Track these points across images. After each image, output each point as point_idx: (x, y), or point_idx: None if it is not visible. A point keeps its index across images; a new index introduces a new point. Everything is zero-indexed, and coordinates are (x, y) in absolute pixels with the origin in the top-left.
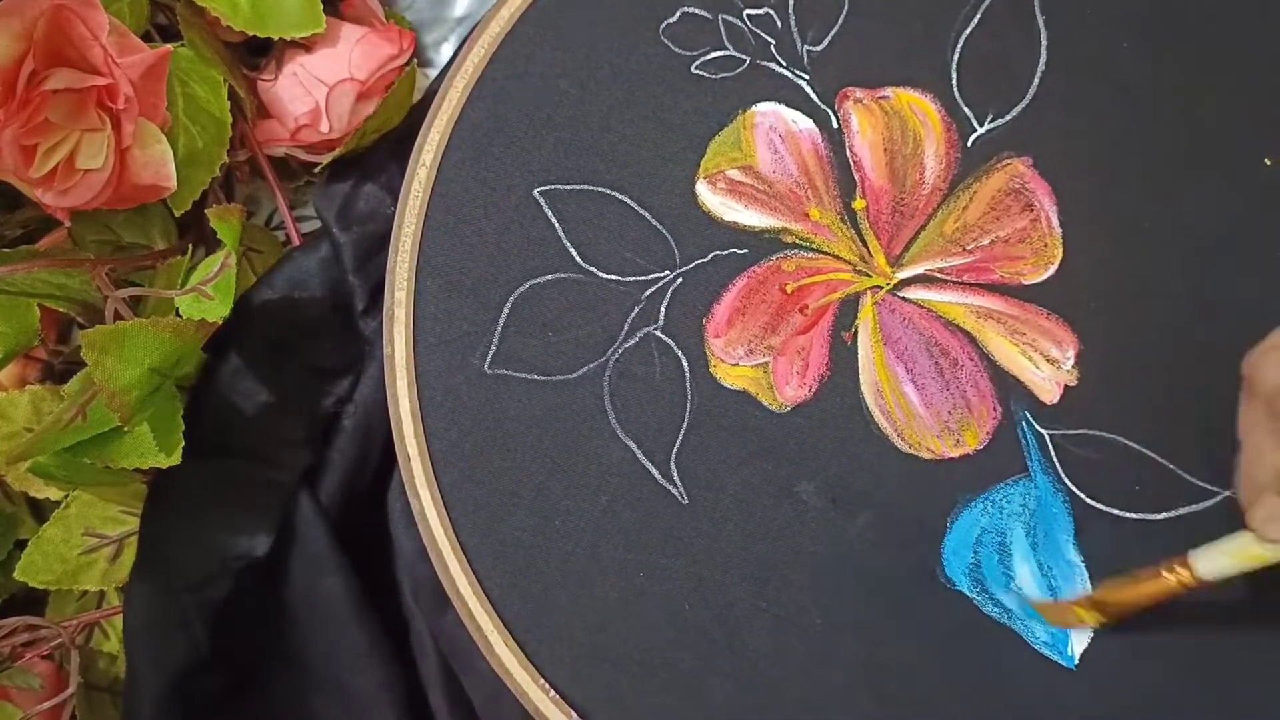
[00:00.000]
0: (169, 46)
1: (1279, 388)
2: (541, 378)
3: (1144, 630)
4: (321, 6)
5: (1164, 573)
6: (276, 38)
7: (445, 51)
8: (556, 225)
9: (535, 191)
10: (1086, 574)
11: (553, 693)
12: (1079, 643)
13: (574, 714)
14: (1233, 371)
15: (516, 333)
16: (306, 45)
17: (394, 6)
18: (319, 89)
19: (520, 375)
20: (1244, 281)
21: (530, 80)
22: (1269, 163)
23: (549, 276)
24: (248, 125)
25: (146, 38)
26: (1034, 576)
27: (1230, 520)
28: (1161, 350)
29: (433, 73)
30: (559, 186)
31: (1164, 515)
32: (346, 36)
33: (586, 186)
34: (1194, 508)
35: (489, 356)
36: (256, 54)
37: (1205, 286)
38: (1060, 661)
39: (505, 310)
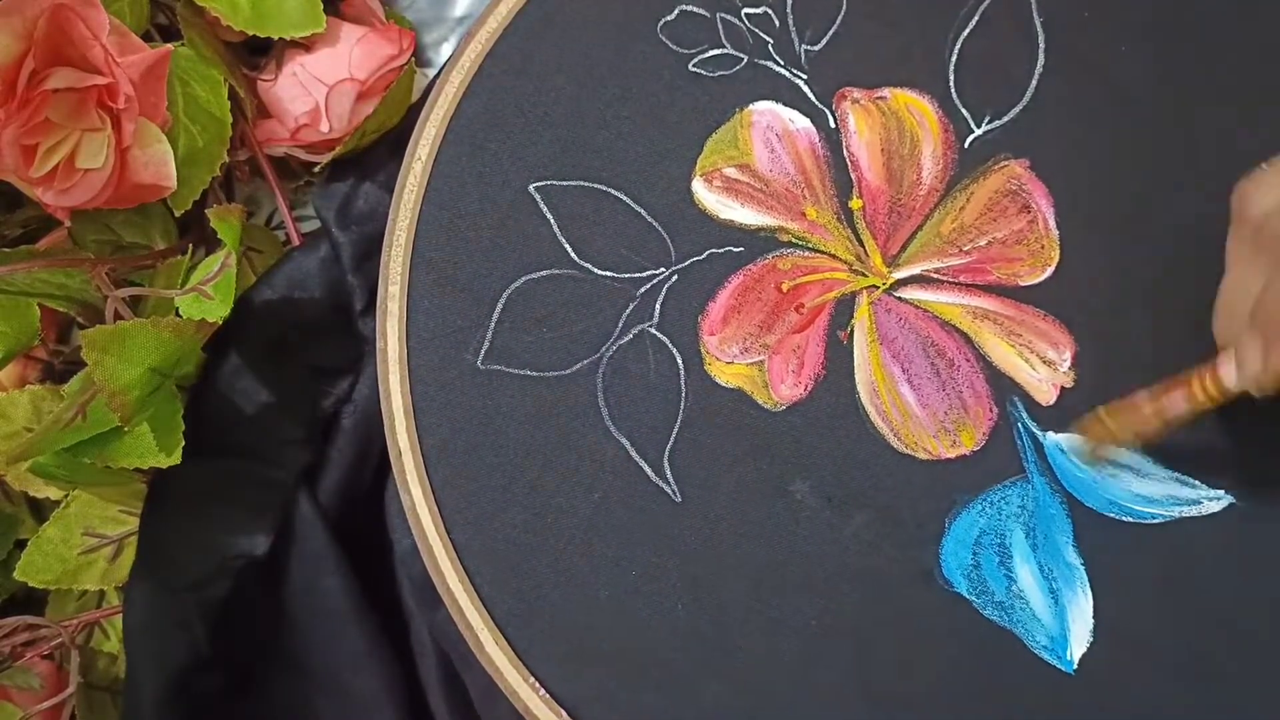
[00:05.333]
0: (169, 46)
1: (1264, 214)
2: (535, 374)
3: (1143, 634)
4: (321, 6)
5: (1194, 384)
6: (276, 37)
7: (445, 51)
8: (552, 221)
9: (531, 187)
10: (1087, 576)
11: (543, 691)
12: (1078, 646)
13: (564, 713)
14: None
15: (510, 328)
16: (306, 45)
17: (394, 6)
18: (319, 89)
19: (513, 371)
20: None
21: (527, 76)
22: (1266, 166)
23: (544, 272)
24: (248, 125)
25: (146, 37)
26: (1035, 578)
27: (1230, 524)
28: (1158, 352)
29: (433, 73)
30: (555, 183)
31: (1161, 519)
32: (346, 36)
33: (582, 183)
34: (1191, 511)
35: (482, 352)
36: (256, 54)
37: (1202, 288)
38: (1059, 665)
39: (499, 305)
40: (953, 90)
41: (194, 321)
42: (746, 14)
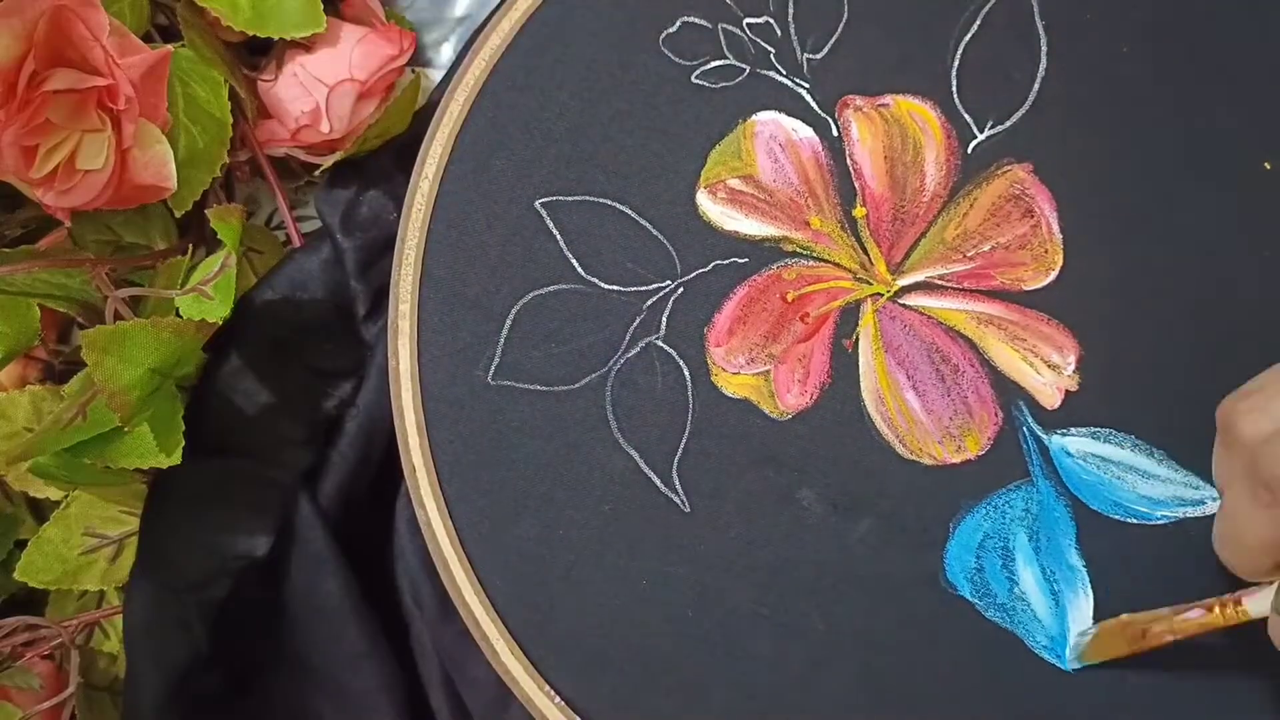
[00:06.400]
0: (169, 47)
1: (1258, 438)
2: (544, 388)
3: None
4: (321, 6)
5: (1216, 609)
6: (277, 38)
7: (445, 51)
8: (558, 236)
9: (537, 203)
10: (1088, 578)
11: (558, 699)
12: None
13: (578, 719)
14: (1235, 377)
15: (519, 344)
16: (307, 45)
17: (394, 6)
18: (319, 89)
19: (523, 386)
20: (1245, 285)
21: (531, 92)
22: (1269, 166)
23: (551, 288)
24: (248, 125)
25: (147, 38)
26: (1037, 581)
27: None
28: (1163, 355)
29: (433, 72)
30: (560, 198)
31: (1164, 520)
32: (347, 36)
33: (588, 198)
34: (1194, 511)
35: (492, 368)
36: (256, 54)
37: (1206, 291)
38: (1059, 665)
39: (508, 322)
40: (955, 95)
41: (194, 322)
42: (748, 24)
